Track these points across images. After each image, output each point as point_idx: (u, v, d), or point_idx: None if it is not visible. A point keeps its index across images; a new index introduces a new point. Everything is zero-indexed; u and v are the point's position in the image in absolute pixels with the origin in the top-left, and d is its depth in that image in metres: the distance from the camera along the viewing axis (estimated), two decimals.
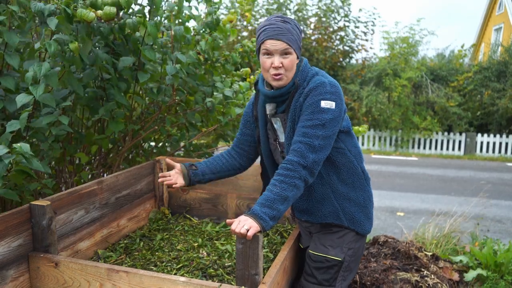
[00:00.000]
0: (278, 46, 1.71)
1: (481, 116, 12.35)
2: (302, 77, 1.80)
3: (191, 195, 2.72)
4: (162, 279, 1.51)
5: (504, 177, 8.68)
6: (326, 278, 1.87)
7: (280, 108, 1.86)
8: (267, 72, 1.78)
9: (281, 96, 1.82)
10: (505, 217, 5.74)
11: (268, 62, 1.75)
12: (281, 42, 1.70)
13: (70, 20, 2.03)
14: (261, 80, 1.91)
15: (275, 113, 1.88)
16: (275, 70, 1.74)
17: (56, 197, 1.85)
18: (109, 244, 2.26)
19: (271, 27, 1.72)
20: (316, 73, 1.82)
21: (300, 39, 1.78)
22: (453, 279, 3.23)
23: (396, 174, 8.77)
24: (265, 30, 1.73)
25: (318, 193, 1.85)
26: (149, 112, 2.89)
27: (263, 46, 1.74)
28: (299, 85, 1.79)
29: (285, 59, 1.73)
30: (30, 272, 1.71)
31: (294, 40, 1.73)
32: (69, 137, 2.48)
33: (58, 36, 1.96)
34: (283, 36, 1.70)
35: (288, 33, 1.71)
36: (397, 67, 12.23)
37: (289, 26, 1.72)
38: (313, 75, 1.80)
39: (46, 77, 1.87)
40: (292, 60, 1.75)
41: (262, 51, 1.76)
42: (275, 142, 1.94)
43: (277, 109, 1.87)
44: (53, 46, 1.89)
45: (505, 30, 16.15)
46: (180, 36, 2.45)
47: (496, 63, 12.27)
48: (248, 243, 1.46)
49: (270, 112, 1.88)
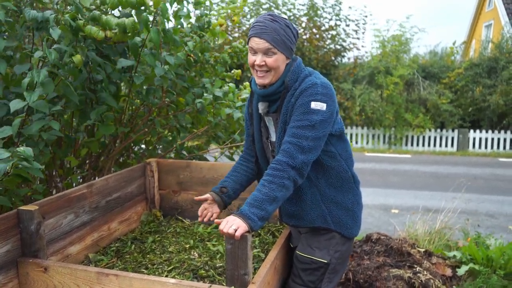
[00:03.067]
0: (261, 45, 1.71)
1: (473, 112, 12.43)
2: (293, 78, 1.78)
3: (182, 197, 2.71)
4: (152, 282, 1.51)
5: (497, 172, 8.75)
6: (312, 280, 1.87)
7: (272, 107, 1.86)
8: (252, 69, 1.79)
9: (271, 96, 1.82)
10: (497, 212, 5.79)
11: (252, 60, 1.76)
12: (264, 41, 1.70)
13: (76, 33, 2.05)
14: (253, 80, 1.92)
15: (267, 112, 1.88)
16: (258, 67, 1.75)
17: (45, 201, 1.84)
18: (100, 247, 2.25)
19: (259, 24, 1.72)
20: (309, 74, 1.80)
21: (290, 39, 1.74)
22: (446, 274, 3.25)
23: (389, 171, 8.81)
24: (253, 27, 1.74)
25: (307, 196, 1.84)
26: (139, 115, 2.88)
27: (250, 43, 1.75)
28: (289, 86, 1.77)
29: (268, 58, 1.72)
30: (19, 278, 1.70)
31: (279, 40, 1.70)
32: (59, 141, 2.47)
33: (59, 46, 1.97)
34: (267, 35, 1.69)
35: (273, 32, 1.69)
36: (389, 65, 12.28)
37: (276, 26, 1.70)
38: (305, 76, 1.78)
39: (43, 85, 1.87)
40: (277, 60, 1.73)
41: (249, 49, 1.77)
42: (267, 141, 1.95)
43: (269, 109, 1.87)
44: (53, 55, 1.90)
45: (495, 27, 16.28)
46: (169, 38, 2.44)
47: (487, 60, 12.35)
48: (237, 243, 1.46)
49: (262, 111, 1.88)
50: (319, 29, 13.14)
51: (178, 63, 2.58)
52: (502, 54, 12.23)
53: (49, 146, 2.32)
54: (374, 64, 12.46)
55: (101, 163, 2.79)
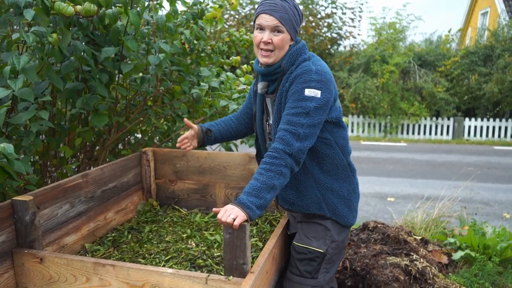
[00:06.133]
0: (270, 22, 1.71)
1: (468, 100, 12.44)
2: (290, 61, 1.77)
3: (179, 186, 2.69)
4: (149, 271, 1.50)
5: (492, 160, 8.79)
6: (309, 270, 1.86)
7: (270, 88, 1.86)
8: (257, 47, 1.78)
9: (268, 75, 1.82)
10: (492, 200, 5.82)
11: (259, 37, 1.75)
12: (273, 18, 1.70)
13: (47, 12, 1.97)
14: (256, 59, 1.92)
15: (266, 92, 1.88)
16: (264, 45, 1.74)
17: (40, 191, 1.82)
18: (97, 237, 2.23)
19: (268, 1, 1.72)
20: (308, 58, 1.78)
21: (296, 20, 1.76)
22: (442, 262, 3.27)
23: (385, 160, 8.82)
24: (262, 4, 1.74)
25: (300, 182, 1.84)
26: (134, 104, 2.85)
27: (257, 20, 1.74)
28: (285, 69, 1.77)
29: (275, 36, 1.72)
30: (15, 269, 1.68)
31: (287, 19, 1.71)
32: (52, 130, 2.43)
33: (36, 28, 1.90)
34: (276, 13, 1.70)
35: (283, 11, 1.70)
36: (385, 53, 12.23)
37: (285, 5, 1.72)
38: (303, 60, 1.77)
39: (24, 71, 1.82)
40: (283, 39, 1.73)
41: (256, 25, 1.76)
42: (266, 122, 1.94)
43: (268, 89, 1.88)
44: (31, 38, 1.84)
45: (491, 14, 16.21)
46: (162, 24, 2.40)
47: (483, 48, 12.32)
48: (235, 233, 1.45)
49: (260, 91, 1.88)
50: (315, 17, 13.05)
51: (173, 51, 2.54)
52: (498, 42, 12.20)
53: (40, 136, 2.28)
54: (370, 53, 12.40)
55: (96, 152, 2.76)
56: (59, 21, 2.05)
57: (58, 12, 1.96)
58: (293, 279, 1.89)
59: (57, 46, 1.99)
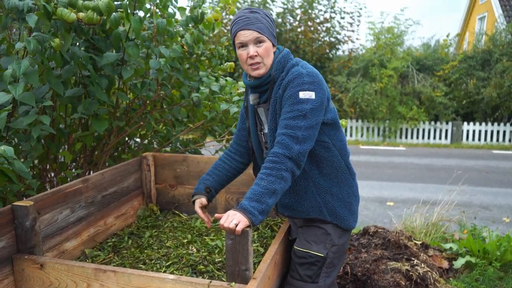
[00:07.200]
0: (250, 36, 1.73)
1: (467, 105, 12.47)
2: (279, 69, 1.80)
3: (179, 191, 2.68)
4: (151, 278, 1.49)
5: (490, 165, 8.80)
6: (309, 274, 1.85)
7: (262, 98, 1.87)
8: (245, 64, 1.79)
9: (260, 87, 1.84)
10: (491, 204, 5.82)
11: (244, 54, 1.76)
12: (252, 31, 1.72)
13: (49, 17, 1.97)
14: (244, 72, 1.92)
15: (258, 103, 1.89)
16: (252, 59, 1.75)
17: (40, 197, 1.81)
18: (97, 243, 2.22)
19: (241, 19, 1.75)
20: (296, 64, 1.81)
21: (272, 27, 1.80)
22: (442, 267, 3.26)
23: (384, 164, 8.82)
24: (235, 23, 1.76)
25: (300, 187, 1.83)
26: (134, 108, 2.84)
27: (237, 39, 1.76)
28: (276, 77, 1.79)
29: (259, 47, 1.75)
30: (15, 275, 1.67)
31: (264, 27, 1.74)
32: (52, 135, 2.42)
33: (37, 34, 1.90)
34: (253, 25, 1.72)
35: (258, 21, 1.73)
36: (383, 58, 12.27)
37: (257, 16, 1.75)
38: (292, 66, 1.79)
39: (26, 76, 1.81)
40: (267, 48, 1.76)
41: (237, 45, 1.78)
42: (261, 133, 1.94)
43: (260, 99, 1.88)
44: (32, 44, 1.84)
45: (489, 19, 16.30)
46: (162, 29, 2.40)
47: (481, 52, 12.38)
48: (237, 239, 1.44)
49: (253, 102, 1.89)
50: (313, 21, 13.09)
51: (173, 56, 2.54)
52: (496, 46, 12.25)
53: (40, 140, 2.27)
54: (368, 57, 12.44)
55: (96, 157, 2.75)
56: (60, 26, 2.05)
57: (60, 18, 1.96)
58: (294, 284, 1.87)
59: (59, 51, 1.99)
